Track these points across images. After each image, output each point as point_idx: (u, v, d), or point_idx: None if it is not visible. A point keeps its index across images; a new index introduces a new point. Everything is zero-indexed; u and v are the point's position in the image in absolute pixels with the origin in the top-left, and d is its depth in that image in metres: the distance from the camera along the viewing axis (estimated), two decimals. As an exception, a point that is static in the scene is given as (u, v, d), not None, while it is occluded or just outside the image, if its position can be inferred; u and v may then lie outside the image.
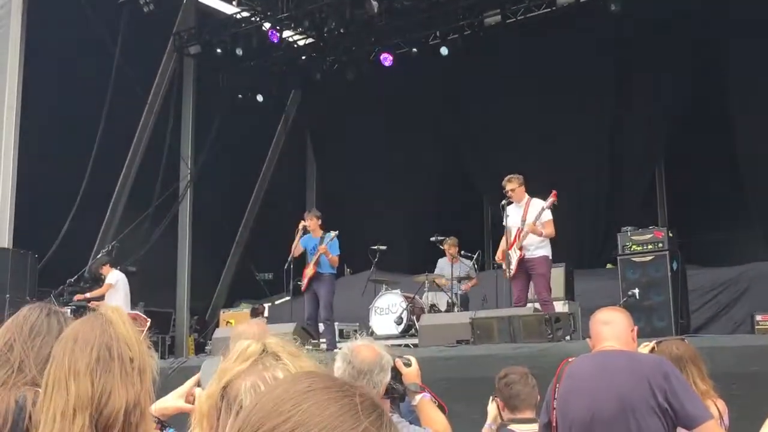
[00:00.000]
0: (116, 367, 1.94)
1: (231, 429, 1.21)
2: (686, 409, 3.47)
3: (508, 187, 9.56)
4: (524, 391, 4.26)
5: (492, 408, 4.55)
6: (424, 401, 3.53)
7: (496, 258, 9.92)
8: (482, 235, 17.24)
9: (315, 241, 10.88)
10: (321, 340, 11.04)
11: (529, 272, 9.54)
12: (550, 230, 9.45)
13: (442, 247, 12.24)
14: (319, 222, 11.01)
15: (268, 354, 1.74)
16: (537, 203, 9.55)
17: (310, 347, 10.30)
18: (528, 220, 9.46)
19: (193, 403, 2.42)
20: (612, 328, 3.84)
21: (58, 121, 13.83)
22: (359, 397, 1.16)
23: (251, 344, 1.76)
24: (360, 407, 1.14)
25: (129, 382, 1.94)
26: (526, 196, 9.62)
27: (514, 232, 9.56)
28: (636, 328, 4.00)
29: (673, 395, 3.47)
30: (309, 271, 10.87)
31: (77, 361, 1.95)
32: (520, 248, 9.45)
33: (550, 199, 9.42)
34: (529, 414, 4.26)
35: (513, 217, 9.62)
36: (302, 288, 11.05)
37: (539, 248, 9.48)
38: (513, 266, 9.48)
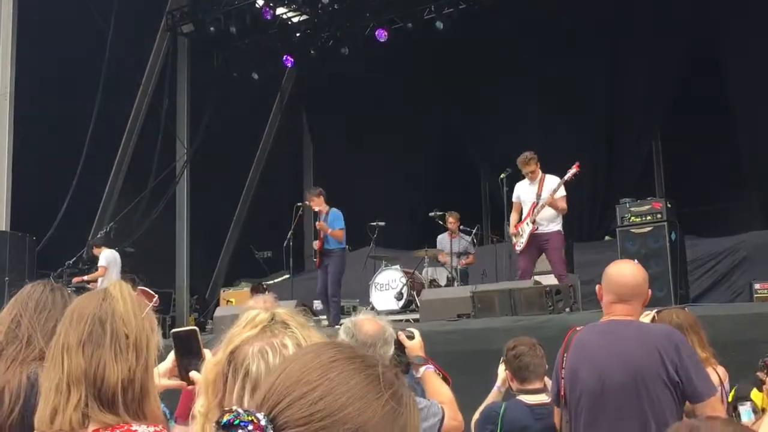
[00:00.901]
0: (108, 343, 1.91)
1: (256, 394, 1.23)
2: (694, 384, 3.46)
3: (528, 169, 9.62)
4: (533, 363, 4.25)
5: (502, 370, 4.56)
6: (428, 373, 3.55)
7: (510, 231, 9.94)
8: (480, 210, 17.26)
9: (322, 218, 11.03)
10: (321, 317, 11.09)
11: (541, 247, 9.63)
12: (564, 205, 9.56)
13: (441, 222, 12.26)
14: (322, 199, 11.06)
15: (276, 322, 1.76)
16: (552, 179, 9.64)
17: (311, 324, 10.34)
18: (543, 195, 9.55)
19: (182, 379, 2.41)
20: (628, 306, 3.68)
21: (52, 103, 13.77)
22: (381, 368, 1.20)
23: (260, 312, 1.78)
24: (381, 378, 1.19)
25: (122, 359, 1.90)
26: (540, 172, 9.68)
27: (528, 207, 9.62)
28: (650, 292, 3.83)
29: (683, 369, 3.45)
30: (318, 247, 11.04)
31: (70, 335, 1.93)
32: (533, 222, 9.52)
33: (573, 170, 9.52)
34: (538, 384, 4.26)
35: (527, 192, 9.69)
36: (316, 264, 11.16)
37: (552, 223, 9.58)
38: (524, 239, 9.56)
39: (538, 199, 9.57)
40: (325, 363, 1.19)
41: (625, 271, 3.76)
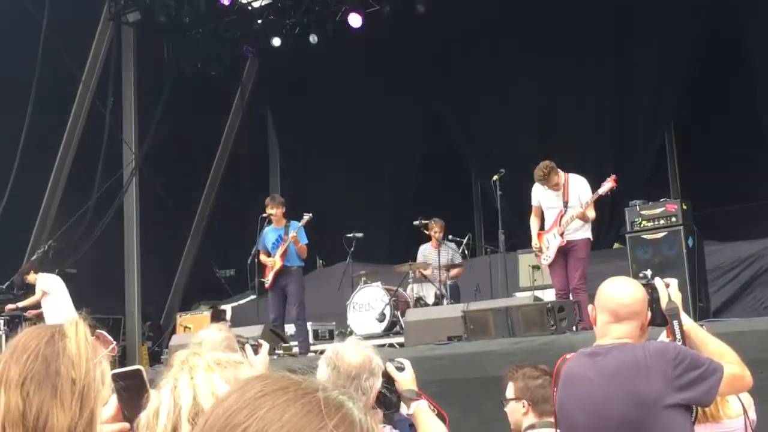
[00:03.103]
0: (51, 385, 1.89)
1: None
2: (699, 389, 3.34)
3: (550, 183, 9.45)
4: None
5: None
6: (420, 409, 3.51)
7: (533, 244, 9.86)
8: (471, 216, 17.28)
9: (279, 232, 10.91)
10: (293, 342, 11.07)
11: (567, 255, 9.55)
12: (593, 215, 9.51)
13: (426, 232, 12.26)
14: (284, 210, 11.01)
15: (187, 362, 1.90)
16: (578, 181, 9.58)
17: (281, 352, 10.32)
18: (571, 201, 9.47)
19: (123, 421, 2.42)
20: (625, 327, 3.57)
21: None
22: (322, 392, 1.18)
23: (188, 350, 1.93)
24: (323, 405, 1.16)
25: (66, 407, 1.88)
26: (562, 175, 9.57)
27: (554, 215, 9.57)
28: (649, 313, 3.70)
29: (688, 384, 3.33)
30: (276, 265, 10.86)
31: (11, 370, 1.91)
32: (561, 234, 9.48)
33: (609, 185, 9.48)
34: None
35: (550, 198, 9.61)
36: (267, 285, 11.07)
37: (581, 230, 9.53)
38: (552, 253, 9.53)
39: (565, 206, 9.50)
40: (252, 400, 1.17)
41: (621, 287, 3.70)
